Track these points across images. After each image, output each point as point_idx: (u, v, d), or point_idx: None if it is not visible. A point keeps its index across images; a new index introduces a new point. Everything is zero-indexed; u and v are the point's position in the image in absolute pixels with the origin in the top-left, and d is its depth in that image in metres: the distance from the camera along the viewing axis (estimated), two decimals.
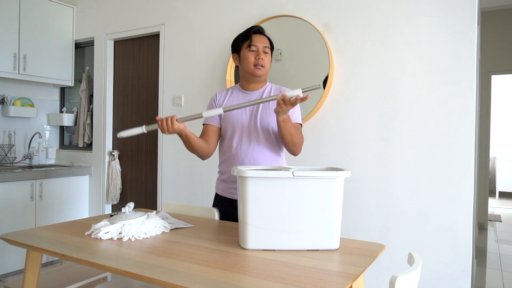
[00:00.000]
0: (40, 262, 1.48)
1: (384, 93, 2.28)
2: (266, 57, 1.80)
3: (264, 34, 1.84)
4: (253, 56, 1.78)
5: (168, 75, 3.15)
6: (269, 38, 1.85)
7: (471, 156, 2.06)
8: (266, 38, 1.84)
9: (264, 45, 1.79)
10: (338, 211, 1.31)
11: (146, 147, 3.40)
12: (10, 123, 3.56)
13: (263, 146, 1.79)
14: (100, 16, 3.56)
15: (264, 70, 1.80)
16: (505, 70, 4.85)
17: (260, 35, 1.82)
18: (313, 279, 1.05)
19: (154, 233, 1.48)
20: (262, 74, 1.80)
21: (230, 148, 1.82)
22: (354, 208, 2.34)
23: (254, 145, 1.79)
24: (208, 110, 1.93)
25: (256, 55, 1.78)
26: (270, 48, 1.83)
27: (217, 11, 2.90)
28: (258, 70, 1.78)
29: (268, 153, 1.80)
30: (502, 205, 6.90)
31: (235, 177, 1.80)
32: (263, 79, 1.85)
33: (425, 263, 2.12)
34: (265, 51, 1.80)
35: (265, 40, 1.82)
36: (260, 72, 1.79)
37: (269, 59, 1.83)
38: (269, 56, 1.83)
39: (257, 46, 1.78)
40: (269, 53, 1.82)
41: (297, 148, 1.74)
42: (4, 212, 2.98)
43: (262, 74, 1.80)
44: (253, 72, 1.79)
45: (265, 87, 1.86)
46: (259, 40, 1.80)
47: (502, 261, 3.73)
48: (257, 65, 1.78)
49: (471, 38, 2.06)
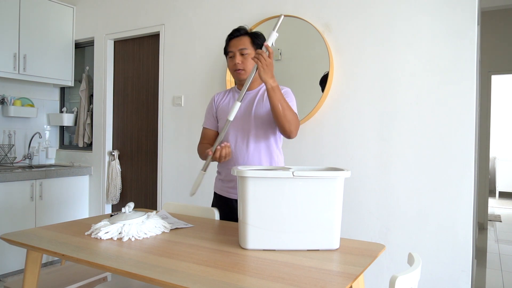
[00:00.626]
0: (40, 262, 1.48)
1: (384, 93, 2.28)
2: (245, 59, 1.77)
3: (243, 34, 1.79)
4: (232, 62, 1.79)
5: (168, 75, 3.15)
6: (252, 36, 1.80)
7: (471, 156, 2.06)
8: (247, 37, 1.79)
9: (240, 48, 1.77)
10: (338, 211, 1.31)
11: (146, 147, 3.40)
12: (10, 123, 3.56)
13: (259, 144, 1.79)
14: (100, 16, 3.56)
15: (245, 73, 1.78)
16: (505, 70, 4.85)
17: (236, 38, 1.79)
18: (313, 279, 1.05)
19: (154, 233, 1.48)
20: (245, 77, 1.78)
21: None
22: (354, 208, 2.34)
23: (250, 144, 1.79)
24: (208, 112, 1.94)
25: (233, 61, 1.78)
26: (252, 45, 1.78)
27: (217, 11, 2.90)
28: (238, 74, 1.79)
29: (264, 152, 1.80)
30: (502, 205, 6.90)
31: (233, 177, 1.82)
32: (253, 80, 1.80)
33: (425, 263, 2.12)
34: (242, 53, 1.77)
35: (242, 42, 1.78)
36: (241, 76, 1.79)
37: (250, 60, 1.78)
38: (250, 56, 1.77)
39: (233, 51, 1.77)
40: (249, 54, 1.77)
41: (291, 125, 1.67)
42: (4, 212, 2.98)
43: (245, 77, 1.78)
44: (235, 76, 1.81)
45: (260, 86, 1.85)
46: (234, 44, 1.79)
47: (502, 261, 3.73)
48: (236, 70, 1.78)
49: (471, 38, 2.06)
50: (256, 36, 1.81)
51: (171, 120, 3.13)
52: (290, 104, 1.76)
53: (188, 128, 3.03)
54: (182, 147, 3.08)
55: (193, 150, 3.01)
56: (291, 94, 1.82)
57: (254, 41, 1.79)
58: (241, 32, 1.80)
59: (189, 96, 3.04)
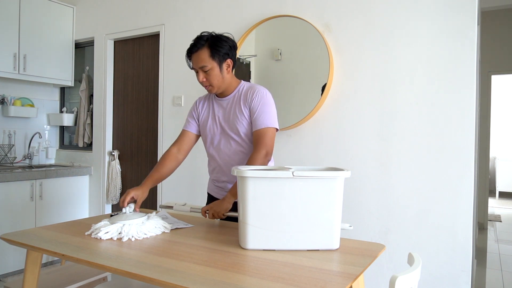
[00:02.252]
0: (40, 262, 1.48)
1: (384, 93, 2.28)
2: (208, 75, 1.67)
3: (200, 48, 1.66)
4: (197, 78, 1.71)
5: (168, 75, 3.15)
6: (211, 46, 1.65)
7: (471, 156, 2.06)
8: (205, 49, 1.65)
9: (201, 65, 1.66)
10: (338, 211, 1.31)
11: (146, 147, 3.40)
12: (10, 123, 3.56)
13: (241, 149, 1.77)
14: (100, 16, 3.56)
15: (213, 88, 1.71)
16: (505, 70, 4.84)
17: (195, 54, 1.67)
18: (313, 279, 1.05)
19: (154, 233, 1.48)
20: (215, 91, 1.74)
21: (212, 155, 1.85)
22: (354, 208, 2.34)
23: (232, 150, 1.78)
24: (190, 115, 1.90)
25: (198, 77, 1.71)
26: (212, 58, 1.65)
27: (217, 11, 2.90)
28: (208, 89, 1.74)
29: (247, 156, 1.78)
30: (502, 205, 6.90)
31: (222, 178, 1.83)
32: (224, 89, 1.75)
33: (425, 263, 2.12)
34: (204, 70, 1.67)
35: (201, 58, 1.66)
36: (212, 91, 1.74)
37: (215, 73, 1.67)
38: (213, 70, 1.66)
39: (195, 69, 1.70)
40: (211, 68, 1.66)
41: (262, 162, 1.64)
42: (4, 212, 2.98)
43: (215, 91, 1.74)
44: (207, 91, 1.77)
45: (236, 91, 1.77)
46: (194, 60, 1.69)
47: (502, 261, 3.73)
48: (205, 86, 1.73)
49: (471, 38, 2.06)
50: (216, 46, 1.66)
51: (171, 120, 3.13)
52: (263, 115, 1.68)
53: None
54: None
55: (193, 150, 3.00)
56: (264, 102, 1.71)
57: (213, 52, 1.66)
58: (197, 47, 1.67)
59: (189, 96, 3.04)
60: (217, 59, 1.67)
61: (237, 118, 1.73)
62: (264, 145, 1.66)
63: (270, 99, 1.74)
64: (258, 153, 1.64)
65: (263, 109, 1.69)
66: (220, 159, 1.82)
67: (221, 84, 1.72)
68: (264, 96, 1.72)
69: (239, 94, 1.76)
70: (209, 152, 1.87)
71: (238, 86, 1.78)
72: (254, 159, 1.63)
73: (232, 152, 1.78)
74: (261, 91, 1.73)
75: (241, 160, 1.77)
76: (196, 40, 1.69)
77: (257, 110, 1.69)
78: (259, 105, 1.70)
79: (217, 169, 1.85)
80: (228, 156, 1.79)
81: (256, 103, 1.70)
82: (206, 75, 1.68)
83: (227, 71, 1.73)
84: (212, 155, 1.85)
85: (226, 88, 1.76)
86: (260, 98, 1.70)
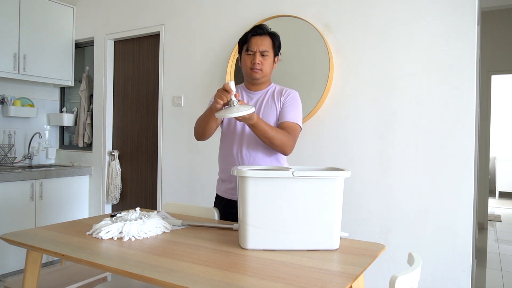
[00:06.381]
0: (40, 262, 1.48)
1: (384, 93, 2.28)
2: (264, 60, 1.76)
3: (266, 34, 1.77)
4: (250, 59, 1.76)
5: (168, 75, 3.15)
6: (273, 37, 1.79)
7: (471, 156, 2.06)
8: (269, 38, 1.77)
9: (263, 49, 1.75)
10: (338, 211, 1.31)
11: (146, 147, 3.40)
12: (10, 123, 3.56)
13: (262, 151, 1.77)
14: (100, 16, 3.56)
15: (262, 73, 1.77)
16: (505, 70, 4.84)
17: (259, 37, 1.76)
18: (313, 279, 1.05)
19: (154, 233, 1.48)
20: (260, 77, 1.78)
21: (230, 154, 1.81)
22: (354, 208, 2.34)
23: (252, 151, 1.77)
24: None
25: (252, 59, 1.75)
26: (273, 47, 1.78)
27: (217, 11, 2.90)
28: (254, 72, 1.76)
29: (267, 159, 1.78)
30: (502, 205, 6.90)
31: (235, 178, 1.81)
32: (265, 81, 1.82)
33: (425, 263, 2.12)
34: (263, 54, 1.75)
35: (264, 43, 1.75)
36: (256, 75, 1.77)
37: (269, 61, 1.78)
38: (269, 58, 1.77)
39: (254, 50, 1.75)
40: (269, 55, 1.77)
41: (282, 147, 1.68)
42: (4, 212, 2.98)
43: (260, 77, 1.78)
44: (250, 74, 1.78)
45: (268, 87, 1.84)
46: (256, 42, 1.75)
47: (502, 261, 3.73)
48: (253, 69, 1.76)
49: (471, 38, 2.06)
50: (276, 39, 1.80)
51: (171, 120, 3.13)
52: (293, 111, 1.75)
53: (188, 128, 3.02)
54: (182, 147, 3.07)
55: (193, 150, 3.01)
56: (296, 100, 1.80)
57: (274, 43, 1.78)
58: (264, 31, 1.77)
59: (189, 96, 3.04)
60: (274, 51, 1.80)
61: (269, 109, 1.79)
62: (293, 136, 1.72)
63: (300, 102, 1.83)
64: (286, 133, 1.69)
65: (294, 106, 1.77)
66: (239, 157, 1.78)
67: (268, 73, 1.80)
68: (297, 97, 1.82)
69: (272, 91, 1.83)
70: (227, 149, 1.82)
71: (270, 85, 1.87)
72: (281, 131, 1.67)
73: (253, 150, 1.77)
74: (294, 92, 1.83)
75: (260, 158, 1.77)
76: (258, 27, 1.79)
77: (289, 105, 1.77)
78: (291, 102, 1.78)
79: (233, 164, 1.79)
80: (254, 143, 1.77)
81: (289, 99, 1.78)
82: (262, 59, 1.76)
83: (274, 66, 1.84)
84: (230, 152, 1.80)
85: (266, 80, 1.83)
86: (293, 97, 1.80)
